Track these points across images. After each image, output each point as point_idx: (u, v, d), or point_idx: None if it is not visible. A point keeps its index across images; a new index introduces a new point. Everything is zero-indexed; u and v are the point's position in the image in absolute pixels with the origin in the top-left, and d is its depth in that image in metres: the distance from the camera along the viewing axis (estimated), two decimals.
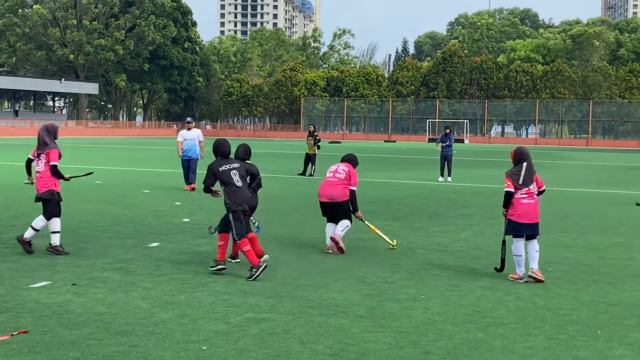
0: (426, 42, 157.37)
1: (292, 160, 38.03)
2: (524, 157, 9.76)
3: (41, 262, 9.79)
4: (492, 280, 9.32)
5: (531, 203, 9.61)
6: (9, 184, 20.93)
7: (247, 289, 8.48)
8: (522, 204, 9.54)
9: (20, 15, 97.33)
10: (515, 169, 9.74)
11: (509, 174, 9.70)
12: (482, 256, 11.03)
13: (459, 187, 23.00)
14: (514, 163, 9.82)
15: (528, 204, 9.56)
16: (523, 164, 9.69)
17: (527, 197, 9.58)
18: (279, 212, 15.77)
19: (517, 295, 8.55)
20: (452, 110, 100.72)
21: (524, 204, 9.55)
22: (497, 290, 8.81)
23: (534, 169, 9.82)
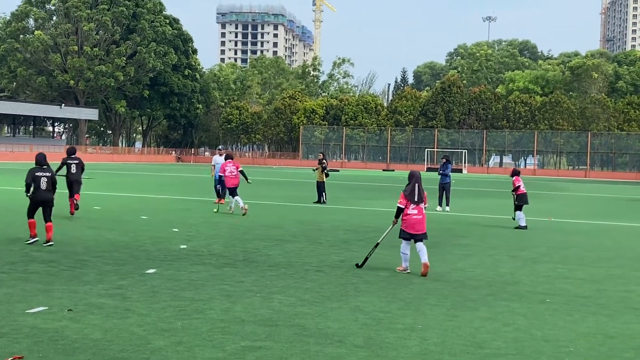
0: (425, 72, 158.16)
1: (290, 188, 38.05)
2: (414, 178, 12.00)
3: (37, 287, 9.75)
4: (490, 311, 9.29)
5: (419, 218, 11.80)
6: (7, 208, 20.90)
7: (243, 317, 8.44)
8: (412, 218, 11.76)
9: (22, 40, 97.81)
10: (408, 188, 11.91)
11: (404, 192, 11.87)
12: (479, 286, 10.99)
13: (457, 217, 22.99)
14: (408, 182, 12.01)
15: (416, 219, 11.77)
16: (414, 184, 11.88)
17: (417, 213, 11.79)
18: (276, 239, 15.74)
19: (515, 327, 8.51)
20: (450, 140, 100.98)
21: (413, 218, 11.76)
22: (495, 321, 8.77)
23: (423, 189, 12.06)
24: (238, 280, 10.70)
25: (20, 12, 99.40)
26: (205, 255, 13.13)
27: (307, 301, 9.45)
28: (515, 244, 16.43)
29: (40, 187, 13.67)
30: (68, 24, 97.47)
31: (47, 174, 13.82)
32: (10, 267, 11.22)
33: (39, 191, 13.69)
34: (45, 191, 13.74)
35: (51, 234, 13.71)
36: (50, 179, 13.85)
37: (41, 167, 13.83)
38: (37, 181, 13.65)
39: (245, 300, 9.32)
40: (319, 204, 26.66)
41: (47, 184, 13.77)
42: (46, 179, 13.76)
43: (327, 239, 16.08)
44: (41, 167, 13.83)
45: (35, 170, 13.72)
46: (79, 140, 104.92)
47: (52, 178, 13.90)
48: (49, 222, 13.75)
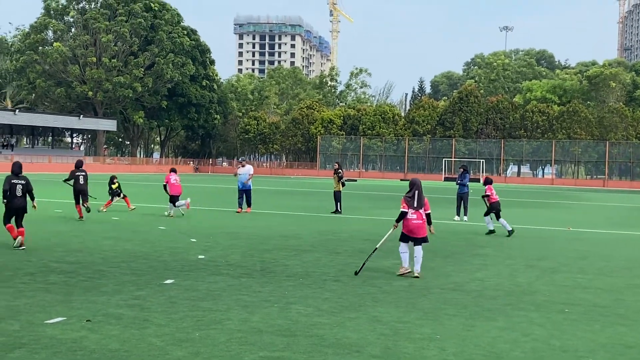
0: (442, 81, 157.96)
1: (308, 198, 38.06)
2: (414, 186, 12.63)
3: (56, 298, 9.80)
4: (508, 321, 9.24)
5: (418, 222, 12.44)
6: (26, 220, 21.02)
7: (261, 327, 8.45)
8: (412, 222, 12.44)
9: (41, 52, 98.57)
10: (409, 194, 12.55)
11: (404, 198, 12.53)
12: (498, 296, 10.94)
13: (475, 227, 22.90)
14: (409, 189, 12.65)
15: (416, 223, 12.44)
16: (415, 191, 12.55)
17: (416, 218, 12.45)
18: (294, 249, 15.74)
19: (534, 337, 8.47)
20: (468, 150, 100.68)
21: (413, 222, 12.44)
22: (513, 331, 8.73)
23: (423, 195, 12.68)
24: (256, 291, 10.71)
25: (39, 24, 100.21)
26: (223, 265, 13.16)
27: (325, 311, 9.44)
28: (533, 254, 16.34)
29: (16, 193, 14.63)
30: (86, 36, 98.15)
31: (22, 181, 14.81)
32: (30, 277, 11.29)
33: (15, 198, 14.62)
34: (19, 197, 14.68)
35: (23, 238, 14.62)
36: (25, 186, 14.82)
37: (17, 176, 14.83)
38: (12, 188, 14.62)
39: (263, 311, 9.33)
40: (336, 214, 26.68)
41: (22, 191, 14.73)
42: (21, 187, 14.73)
43: (345, 248, 16.07)
44: (17, 176, 14.83)
45: (11, 178, 14.71)
46: (98, 151, 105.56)
47: (26, 186, 14.85)
48: (21, 228, 14.72)
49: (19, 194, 14.69)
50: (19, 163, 15.16)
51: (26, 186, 14.85)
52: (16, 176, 14.84)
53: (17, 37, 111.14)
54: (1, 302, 9.37)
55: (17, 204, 14.66)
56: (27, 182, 14.89)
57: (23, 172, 15.07)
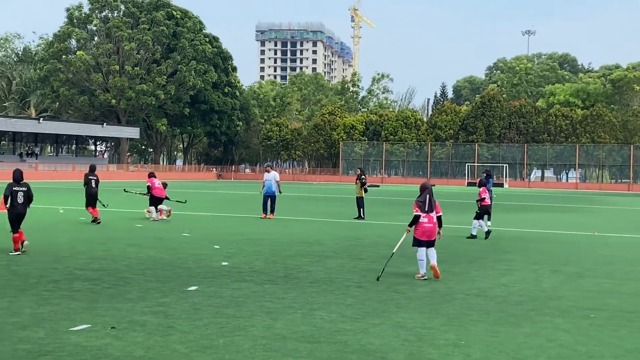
0: (465, 86, 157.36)
1: (331, 204, 38.04)
2: (425, 190, 12.91)
3: (81, 305, 9.86)
4: (534, 327, 9.17)
5: (430, 226, 12.73)
6: (51, 227, 21.22)
7: (285, 334, 8.44)
8: (423, 226, 12.71)
9: (64, 61, 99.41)
10: (420, 198, 12.80)
11: (416, 202, 12.80)
12: (523, 302, 10.86)
13: (499, 232, 22.76)
14: (420, 193, 12.93)
15: (427, 226, 12.71)
16: (426, 195, 12.79)
17: (428, 222, 12.72)
18: (317, 255, 15.73)
19: (559, 342, 8.39)
20: (491, 154, 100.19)
21: (425, 226, 12.71)
22: (538, 336, 8.66)
23: (434, 199, 12.93)
24: (279, 297, 10.71)
25: (62, 33, 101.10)
26: (247, 272, 13.17)
27: (349, 317, 9.42)
28: (558, 259, 16.22)
29: (17, 200, 14.98)
30: (109, 44, 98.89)
31: (24, 188, 15.16)
32: (55, 285, 11.37)
33: (16, 205, 14.96)
34: (21, 205, 15.02)
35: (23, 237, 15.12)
36: (26, 193, 15.17)
37: (18, 183, 15.16)
38: (14, 195, 14.96)
39: (287, 317, 9.33)
40: (359, 220, 26.66)
41: (23, 197, 15.07)
42: (22, 193, 15.08)
43: (368, 254, 16.03)
44: (18, 183, 15.16)
45: (12, 185, 15.02)
46: (121, 158, 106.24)
47: (27, 192, 15.20)
48: (20, 230, 15.08)
49: (20, 200, 15.02)
50: (20, 170, 15.53)
51: (27, 192, 15.20)
52: (17, 183, 15.16)
53: (40, 46, 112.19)
54: (26, 310, 9.43)
55: (18, 210, 15.01)
56: (28, 189, 15.25)
57: (48, 179, 15.27)
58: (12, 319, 8.91)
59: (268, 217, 26.30)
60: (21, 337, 8.05)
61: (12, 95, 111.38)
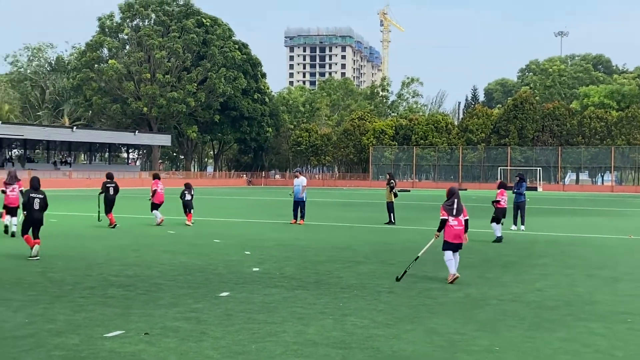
0: (496, 89, 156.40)
1: (361, 209, 37.98)
2: (454, 194, 13.12)
3: (115, 311, 9.92)
4: (569, 332, 9.05)
5: (459, 228, 12.88)
6: (84, 234, 21.42)
7: (316, 339, 8.42)
8: (454, 229, 12.88)
9: (96, 70, 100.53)
10: (448, 202, 13.01)
11: (443, 205, 12.98)
12: (558, 307, 10.73)
13: (533, 236, 22.56)
14: (447, 197, 13.16)
15: (457, 229, 12.88)
16: (454, 199, 13.01)
17: (458, 224, 12.88)
18: (348, 261, 15.70)
19: (595, 348, 8.27)
20: (524, 158, 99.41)
21: (455, 229, 12.88)
22: (574, 342, 8.55)
23: (462, 203, 13.12)
24: (310, 303, 10.69)
25: (94, 42, 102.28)
26: (278, 277, 13.18)
27: (381, 323, 9.38)
28: (594, 263, 16.02)
29: (34, 207, 15.43)
30: (141, 53, 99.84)
31: (40, 196, 15.66)
32: (89, 291, 11.46)
33: (33, 211, 15.43)
34: (37, 211, 15.48)
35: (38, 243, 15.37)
36: (43, 200, 15.64)
37: (35, 190, 15.69)
38: (31, 202, 15.44)
39: (318, 323, 9.31)
40: (390, 225, 26.60)
41: (39, 205, 15.52)
42: (39, 201, 15.55)
43: (399, 259, 15.96)
44: (35, 190, 15.69)
45: (30, 192, 15.58)
46: (153, 165, 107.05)
47: (44, 200, 15.67)
48: (37, 239, 15.43)
49: (37, 207, 15.48)
50: (37, 178, 16.11)
51: (43, 200, 15.64)
52: (35, 191, 15.68)
53: (73, 55, 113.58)
54: (61, 317, 9.52)
55: (34, 216, 15.47)
56: (44, 197, 15.71)
57: (82, 187, 15.53)
58: (48, 325, 8.99)
59: (298, 223, 26.34)
60: (56, 343, 8.12)
61: (45, 104, 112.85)
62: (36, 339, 8.31)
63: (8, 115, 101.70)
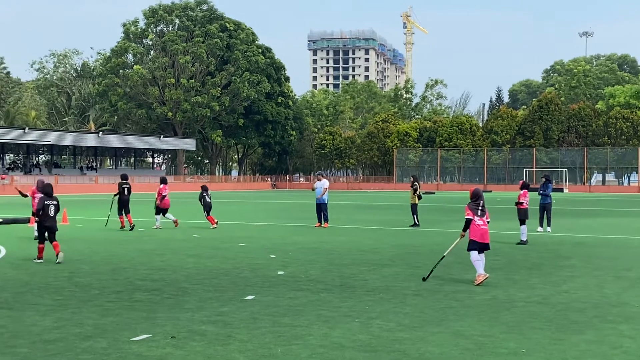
0: (521, 90, 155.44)
1: (385, 212, 37.92)
2: (479, 196, 13.19)
3: (142, 315, 9.98)
4: (597, 334, 8.97)
5: (485, 228, 12.96)
6: (110, 239, 21.57)
7: (343, 342, 8.42)
8: (480, 228, 12.91)
9: (121, 75, 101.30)
10: (474, 203, 13.08)
11: (469, 206, 13.03)
12: (585, 309, 10.64)
13: (559, 238, 22.39)
14: (472, 199, 13.17)
15: (484, 229, 12.93)
16: (480, 200, 13.12)
17: (483, 224, 12.96)
18: (373, 264, 15.68)
19: (623, 349, 8.20)
20: (549, 159, 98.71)
21: (481, 228, 12.91)
22: (602, 344, 8.47)
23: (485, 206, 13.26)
24: (336, 306, 10.69)
25: (119, 48, 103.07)
26: (303, 281, 13.19)
27: (407, 326, 9.35)
28: (621, 264, 15.88)
29: (49, 213, 15.68)
30: (165, 58, 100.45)
31: (55, 202, 15.95)
32: (116, 296, 11.54)
33: (48, 217, 15.67)
34: (52, 217, 15.75)
35: (58, 249, 15.64)
36: (57, 207, 15.97)
37: (50, 197, 15.90)
38: (46, 208, 15.66)
39: (344, 326, 9.30)
40: (415, 227, 26.56)
41: (54, 211, 15.83)
42: (54, 207, 15.86)
43: (425, 262, 15.91)
44: (50, 197, 15.90)
45: (44, 199, 15.79)
46: (178, 170, 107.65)
47: (58, 206, 16.02)
48: (55, 242, 15.73)
49: (52, 214, 15.75)
50: (51, 185, 16.46)
51: (58, 206, 16.02)
52: (49, 197, 15.91)
53: (98, 61, 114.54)
54: (89, 321, 9.59)
55: (49, 223, 15.71)
56: (58, 203, 16.09)
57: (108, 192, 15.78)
58: (75, 329, 9.07)
59: (322, 226, 26.35)
60: (84, 347, 8.18)
61: (71, 110, 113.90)
62: (64, 343, 8.39)
63: (35, 122, 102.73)
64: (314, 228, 25.93)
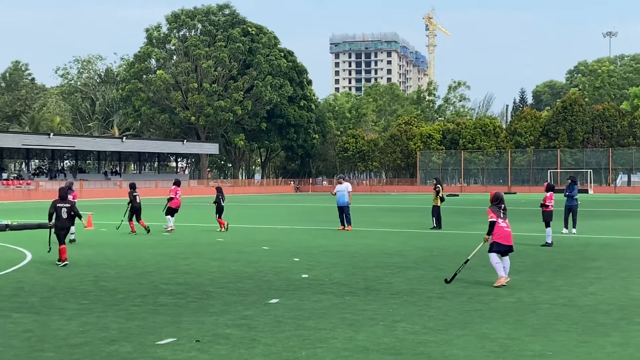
0: (545, 91, 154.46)
1: (409, 215, 37.81)
2: (501, 198, 13.13)
3: (166, 319, 10.02)
4: (624, 336, 8.89)
5: (509, 230, 13.00)
6: (135, 243, 21.70)
7: (367, 346, 8.40)
8: (504, 230, 12.91)
9: (145, 80, 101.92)
10: (496, 206, 13.03)
11: (491, 208, 13.04)
12: (611, 310, 10.55)
13: (585, 239, 22.21)
14: (493, 202, 13.13)
15: (508, 231, 12.97)
16: (501, 204, 13.03)
17: (506, 227, 12.99)
18: (397, 267, 15.64)
19: None
20: (574, 160, 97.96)
21: (505, 230, 12.94)
22: (628, 346, 8.39)
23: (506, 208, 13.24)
24: (360, 309, 10.67)
25: (142, 54, 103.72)
26: (327, 284, 13.19)
27: (432, 329, 9.32)
28: None
29: (62, 216, 16.23)
30: (188, 62, 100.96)
31: (67, 205, 16.42)
32: (141, 300, 11.60)
33: (61, 219, 16.22)
34: (65, 219, 16.30)
35: (65, 255, 16.08)
36: (69, 209, 16.38)
37: (62, 200, 16.42)
38: (58, 211, 16.22)
39: (369, 329, 9.28)
40: (437, 230, 26.49)
41: (67, 213, 16.30)
42: (66, 210, 16.32)
43: (449, 265, 15.84)
44: (62, 200, 16.42)
45: (57, 202, 16.33)
46: (201, 174, 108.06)
47: (71, 209, 16.43)
48: (63, 245, 16.13)
49: (64, 216, 16.28)
50: (65, 189, 16.99)
51: (71, 209, 16.43)
52: (62, 200, 16.43)
53: (122, 66, 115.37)
54: (114, 325, 9.65)
55: (62, 225, 16.28)
56: (72, 206, 16.55)
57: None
58: (101, 333, 9.13)
59: (346, 229, 26.31)
60: (109, 351, 8.23)
61: (95, 115, 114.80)
62: (90, 347, 8.44)
63: (59, 127, 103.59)
64: (338, 231, 25.91)
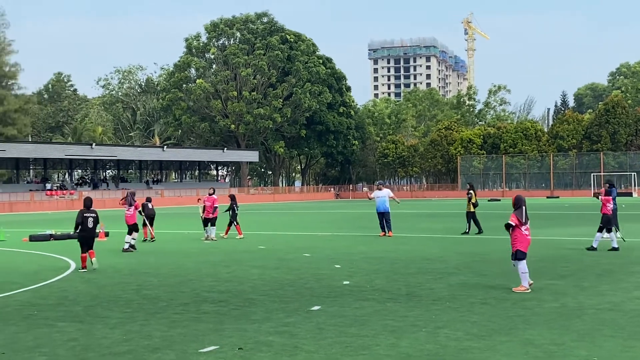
0: (586, 93, 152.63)
1: (450, 220, 37.57)
2: (522, 203, 13.01)
3: (209, 327, 10.07)
4: None
5: (530, 238, 13.01)
6: (178, 251, 21.87)
7: (410, 352, 8.35)
8: (527, 238, 12.91)
9: (185, 89, 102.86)
10: (518, 211, 12.92)
11: (515, 213, 12.94)
12: None
13: (630, 243, 21.82)
14: (515, 207, 13.02)
15: (529, 239, 12.99)
16: (523, 207, 12.94)
17: (529, 235, 12.98)
18: (439, 272, 15.54)
19: None
20: (618, 163, 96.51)
21: (528, 238, 12.94)
22: None
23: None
24: (402, 315, 10.62)
25: (182, 63, 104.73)
26: (368, 290, 13.15)
27: (475, 335, 9.23)
28: None
29: (88, 225, 16.88)
30: (227, 71, 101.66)
31: (93, 214, 17.09)
32: (184, 308, 11.67)
33: (87, 228, 16.88)
34: (91, 228, 16.97)
35: (94, 255, 16.99)
36: (95, 219, 17.09)
37: (88, 209, 17.05)
38: (85, 221, 16.89)
39: (411, 336, 9.23)
40: (480, 235, 26.29)
41: (93, 222, 16.99)
42: (92, 219, 17.02)
43: (492, 270, 15.70)
44: (88, 209, 17.05)
45: (83, 212, 16.98)
46: (242, 182, 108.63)
47: (96, 218, 17.15)
48: (91, 250, 16.93)
49: (90, 225, 16.96)
50: (90, 199, 17.56)
51: (96, 219, 17.17)
52: (88, 210, 17.09)
53: (162, 76, 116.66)
54: (157, 333, 9.72)
55: (89, 234, 16.93)
56: (97, 216, 17.24)
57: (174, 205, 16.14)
58: (144, 342, 9.20)
59: (387, 235, 26.23)
60: (153, 359, 8.29)
61: (137, 125, 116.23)
62: (133, 355, 8.52)
63: (102, 137, 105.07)
64: (378, 237, 25.84)
